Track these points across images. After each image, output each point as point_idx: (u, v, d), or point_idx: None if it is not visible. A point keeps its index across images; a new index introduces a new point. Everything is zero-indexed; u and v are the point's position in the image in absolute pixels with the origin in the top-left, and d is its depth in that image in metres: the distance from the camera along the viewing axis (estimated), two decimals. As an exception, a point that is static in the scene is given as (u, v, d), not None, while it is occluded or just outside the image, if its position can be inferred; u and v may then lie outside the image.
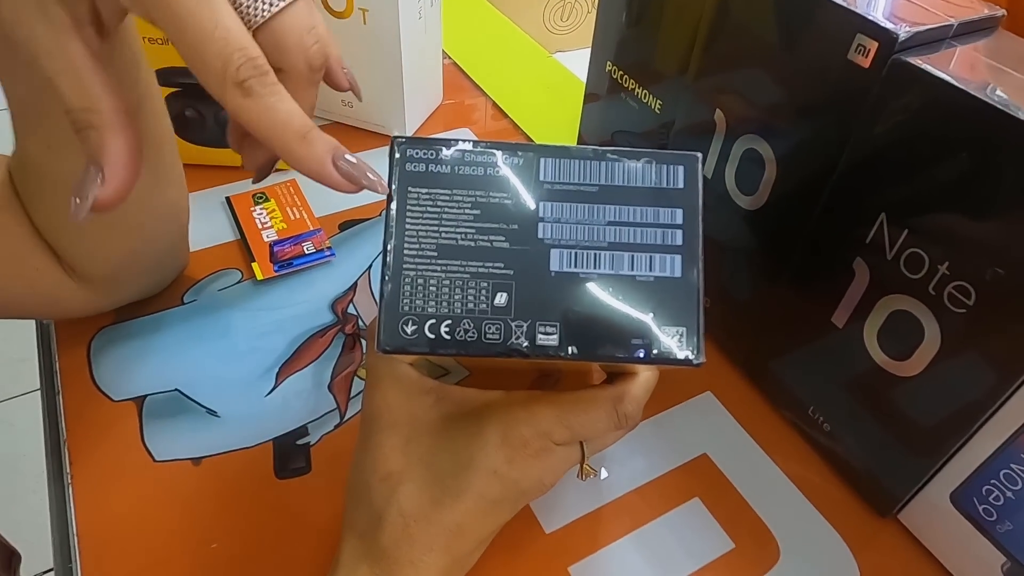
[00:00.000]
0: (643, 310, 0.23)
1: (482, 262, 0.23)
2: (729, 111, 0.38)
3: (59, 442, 0.38)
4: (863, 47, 0.29)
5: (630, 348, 0.23)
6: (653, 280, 0.23)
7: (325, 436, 0.39)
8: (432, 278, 0.23)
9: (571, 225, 0.23)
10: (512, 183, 0.24)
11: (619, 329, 0.23)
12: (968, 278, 0.28)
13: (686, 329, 0.23)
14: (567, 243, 0.23)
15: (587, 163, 0.24)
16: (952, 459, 0.32)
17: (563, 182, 0.24)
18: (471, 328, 0.23)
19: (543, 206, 0.24)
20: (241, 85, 0.21)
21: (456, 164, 0.24)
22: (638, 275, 0.23)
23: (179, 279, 0.46)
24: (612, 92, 0.50)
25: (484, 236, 0.23)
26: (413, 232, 0.23)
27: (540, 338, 0.23)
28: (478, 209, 0.23)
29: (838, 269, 0.34)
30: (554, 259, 0.23)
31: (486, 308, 0.23)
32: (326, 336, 0.44)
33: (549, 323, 0.23)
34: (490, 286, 0.23)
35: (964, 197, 0.28)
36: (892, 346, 0.33)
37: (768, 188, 0.37)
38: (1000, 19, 0.31)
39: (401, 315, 0.23)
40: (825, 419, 0.38)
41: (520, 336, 0.23)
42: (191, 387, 0.41)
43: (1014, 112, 0.25)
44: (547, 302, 0.23)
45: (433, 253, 0.23)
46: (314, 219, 0.51)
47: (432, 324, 0.23)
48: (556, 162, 0.24)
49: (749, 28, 0.35)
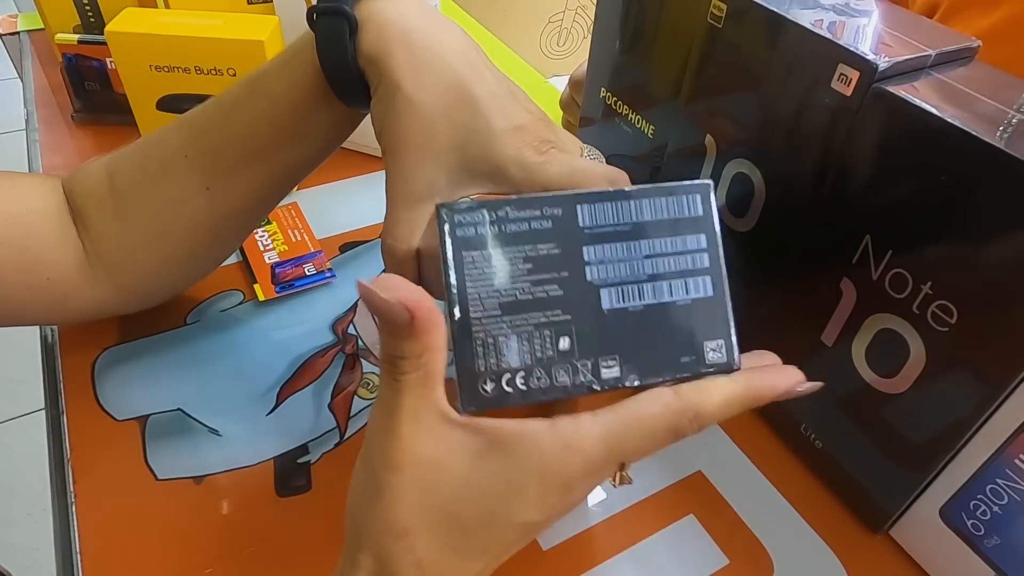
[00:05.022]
0: (687, 330, 0.25)
1: (542, 312, 0.25)
2: (719, 136, 0.39)
3: (63, 461, 0.38)
4: (845, 76, 0.31)
5: (681, 367, 0.25)
6: (690, 302, 0.25)
7: (325, 455, 0.39)
8: (500, 335, 0.24)
9: (614, 264, 0.25)
10: (556, 233, 0.25)
11: (670, 351, 0.25)
12: (950, 297, 0.29)
13: (723, 340, 0.26)
14: (613, 281, 0.25)
15: (619, 204, 0.25)
16: (940, 475, 0.33)
17: (601, 225, 0.25)
18: (543, 375, 0.25)
19: (587, 251, 0.25)
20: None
21: (502, 223, 0.25)
22: (678, 300, 0.25)
23: (182, 300, 0.47)
24: (606, 117, 0.51)
25: (540, 287, 0.25)
26: (475, 294, 0.24)
27: (604, 372, 0.25)
28: (530, 263, 0.25)
29: (826, 289, 0.35)
30: (605, 299, 0.25)
31: (553, 355, 0.25)
32: (326, 356, 0.45)
33: (610, 357, 0.25)
34: (553, 333, 0.25)
35: (943, 219, 0.29)
36: (880, 364, 0.34)
37: (757, 210, 0.38)
38: (976, 50, 0.32)
39: (478, 375, 0.24)
40: (817, 436, 0.39)
41: (587, 374, 0.25)
42: (193, 406, 0.41)
43: (989, 139, 0.27)
44: (605, 338, 0.25)
45: (497, 312, 0.24)
46: (315, 241, 0.52)
47: (508, 379, 0.24)
48: (592, 208, 0.25)
49: (738, 56, 0.37)
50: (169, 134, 0.38)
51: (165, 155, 0.38)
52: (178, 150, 0.38)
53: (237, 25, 0.50)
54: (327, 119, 0.36)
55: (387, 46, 0.32)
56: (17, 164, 0.45)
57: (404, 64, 0.31)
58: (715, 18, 0.37)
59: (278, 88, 0.36)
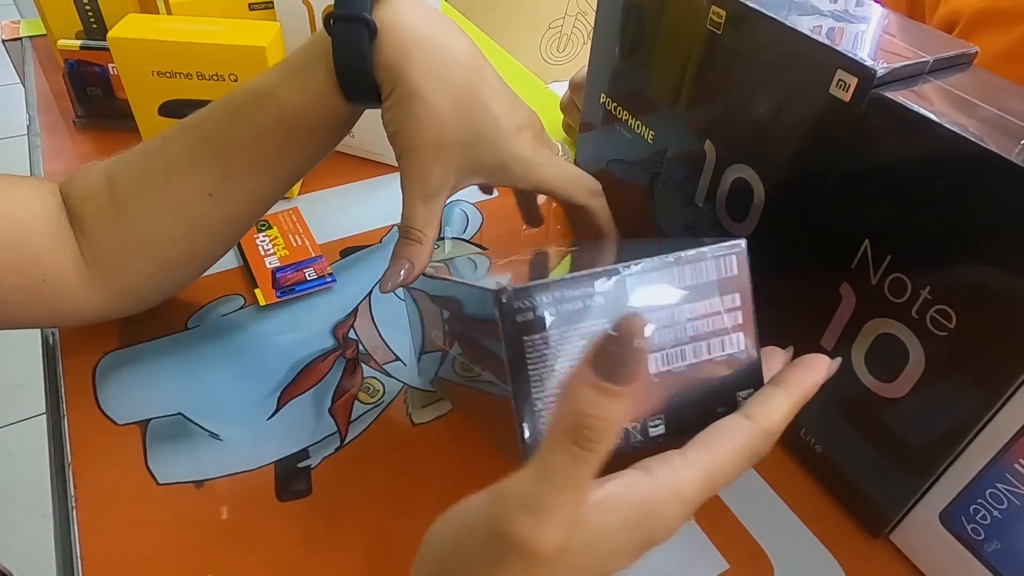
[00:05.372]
0: (723, 383, 0.26)
1: None
2: (718, 141, 0.40)
3: (64, 465, 0.38)
4: (844, 82, 0.31)
5: (715, 416, 0.26)
6: (725, 357, 0.26)
7: (325, 459, 0.39)
8: None
9: (661, 331, 0.26)
10: (608, 308, 0.25)
11: (708, 404, 0.26)
12: (949, 302, 0.29)
13: (753, 388, 0.27)
14: (659, 347, 0.25)
15: (665, 272, 0.26)
16: (940, 479, 0.33)
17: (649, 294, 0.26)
18: None
19: None
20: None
21: (557, 304, 0.25)
22: (715, 357, 0.26)
23: (183, 305, 0.47)
24: (606, 122, 0.51)
25: None
26: (536, 376, 0.25)
27: (651, 431, 0.26)
28: (584, 339, 0.25)
29: (825, 294, 0.35)
30: (652, 365, 0.25)
31: None
32: (327, 361, 0.45)
33: (656, 417, 0.26)
34: None
35: (941, 224, 0.29)
36: (879, 368, 0.34)
37: (757, 215, 0.38)
38: (974, 56, 0.33)
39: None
40: (817, 440, 0.39)
41: (636, 435, 0.25)
42: (194, 411, 0.41)
43: (985, 144, 0.27)
44: (651, 400, 0.26)
45: (557, 390, 0.25)
46: (316, 246, 0.53)
47: None
48: (639, 278, 0.25)
49: (737, 63, 0.37)
50: (171, 140, 0.39)
51: (168, 161, 0.38)
52: (182, 156, 0.38)
53: (239, 31, 0.51)
54: (333, 121, 0.38)
55: (404, 53, 0.34)
56: (19, 169, 0.45)
57: (421, 71, 0.34)
58: (714, 24, 0.37)
59: (288, 94, 0.36)
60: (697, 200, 0.42)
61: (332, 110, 0.37)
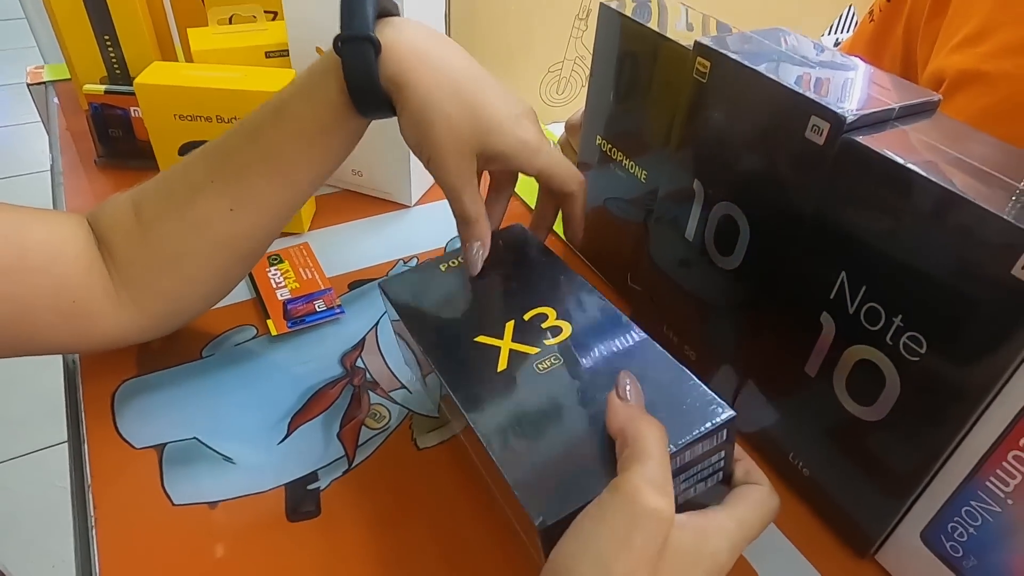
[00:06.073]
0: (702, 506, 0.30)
1: None
2: (706, 180, 0.42)
3: (84, 486, 0.40)
4: (817, 127, 0.34)
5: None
6: (706, 489, 0.33)
7: (334, 481, 0.41)
8: None
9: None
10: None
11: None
12: (919, 328, 0.32)
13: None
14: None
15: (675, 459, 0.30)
16: (919, 499, 0.35)
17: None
18: None
19: None
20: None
21: None
22: (699, 493, 0.33)
23: (199, 335, 0.50)
24: (602, 162, 0.54)
25: None
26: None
27: None
28: None
29: (807, 323, 0.37)
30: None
31: None
32: (335, 388, 0.47)
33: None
34: None
35: (909, 257, 0.31)
36: (859, 393, 0.36)
37: (743, 250, 0.40)
38: (937, 103, 0.35)
39: None
40: (804, 464, 0.41)
41: None
42: (209, 435, 0.43)
43: (946, 184, 0.29)
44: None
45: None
46: (325, 279, 0.55)
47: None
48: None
49: (721, 108, 0.40)
50: (192, 165, 0.42)
51: (190, 182, 0.41)
52: (203, 177, 0.41)
53: (256, 78, 0.54)
54: (345, 133, 0.42)
55: (409, 66, 0.38)
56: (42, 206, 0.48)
57: (427, 83, 0.38)
58: (700, 74, 0.40)
59: (303, 109, 0.40)
60: (688, 235, 0.44)
61: (344, 122, 0.41)
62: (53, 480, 1.29)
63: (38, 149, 2.12)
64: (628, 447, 0.28)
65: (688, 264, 0.46)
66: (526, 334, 0.36)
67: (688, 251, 0.45)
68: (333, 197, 0.66)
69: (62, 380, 0.48)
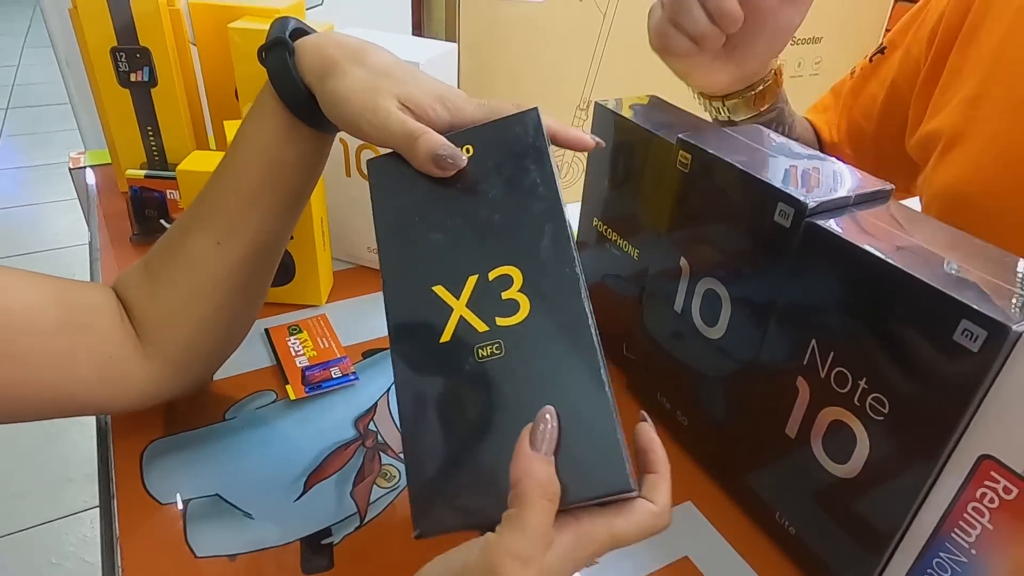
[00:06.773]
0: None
1: None
2: (692, 259, 0.47)
3: (112, 539, 0.43)
4: (784, 212, 0.38)
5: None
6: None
7: (347, 537, 0.44)
8: None
9: None
10: None
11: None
12: (882, 390, 0.35)
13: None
14: None
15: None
16: (896, 553, 0.37)
17: None
18: None
19: None
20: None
21: None
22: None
23: (222, 399, 0.53)
24: (599, 242, 0.59)
25: None
26: None
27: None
28: None
29: (785, 387, 0.41)
30: None
31: None
32: (349, 449, 0.50)
33: None
34: None
35: (868, 326, 0.35)
36: (834, 452, 0.39)
37: (725, 321, 0.44)
38: (890, 192, 0.40)
39: None
40: (790, 523, 0.43)
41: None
42: (230, 492, 0.46)
43: (897, 263, 0.33)
44: None
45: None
46: (341, 348, 0.59)
47: None
48: None
49: (702, 196, 0.45)
50: (183, 215, 0.46)
51: (182, 226, 0.45)
52: (190, 218, 0.45)
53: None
54: (297, 147, 0.43)
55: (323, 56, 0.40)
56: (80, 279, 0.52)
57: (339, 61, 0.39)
58: (683, 164, 0.45)
59: (251, 129, 0.43)
60: (676, 308, 0.48)
61: (290, 132, 0.42)
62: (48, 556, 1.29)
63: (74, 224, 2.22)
64: (514, 505, 0.28)
65: (678, 335, 0.49)
66: (482, 301, 0.33)
67: (677, 323, 0.49)
68: (349, 272, 0.71)
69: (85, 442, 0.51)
